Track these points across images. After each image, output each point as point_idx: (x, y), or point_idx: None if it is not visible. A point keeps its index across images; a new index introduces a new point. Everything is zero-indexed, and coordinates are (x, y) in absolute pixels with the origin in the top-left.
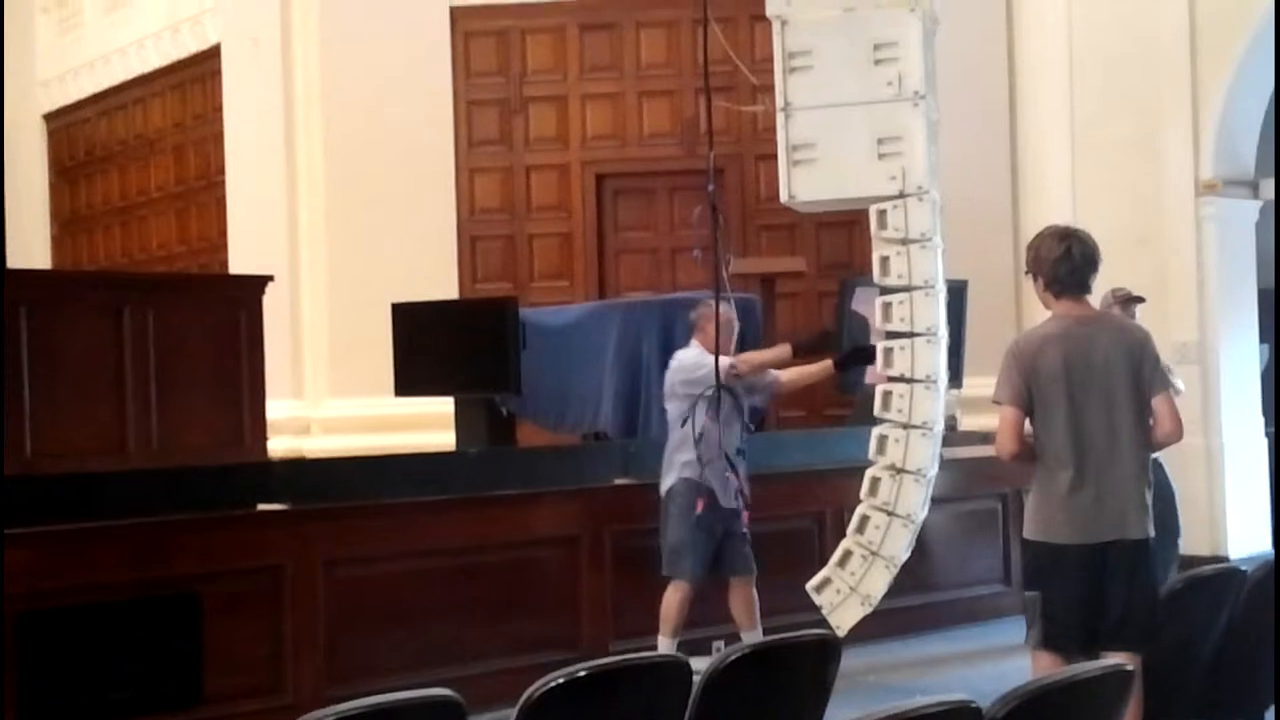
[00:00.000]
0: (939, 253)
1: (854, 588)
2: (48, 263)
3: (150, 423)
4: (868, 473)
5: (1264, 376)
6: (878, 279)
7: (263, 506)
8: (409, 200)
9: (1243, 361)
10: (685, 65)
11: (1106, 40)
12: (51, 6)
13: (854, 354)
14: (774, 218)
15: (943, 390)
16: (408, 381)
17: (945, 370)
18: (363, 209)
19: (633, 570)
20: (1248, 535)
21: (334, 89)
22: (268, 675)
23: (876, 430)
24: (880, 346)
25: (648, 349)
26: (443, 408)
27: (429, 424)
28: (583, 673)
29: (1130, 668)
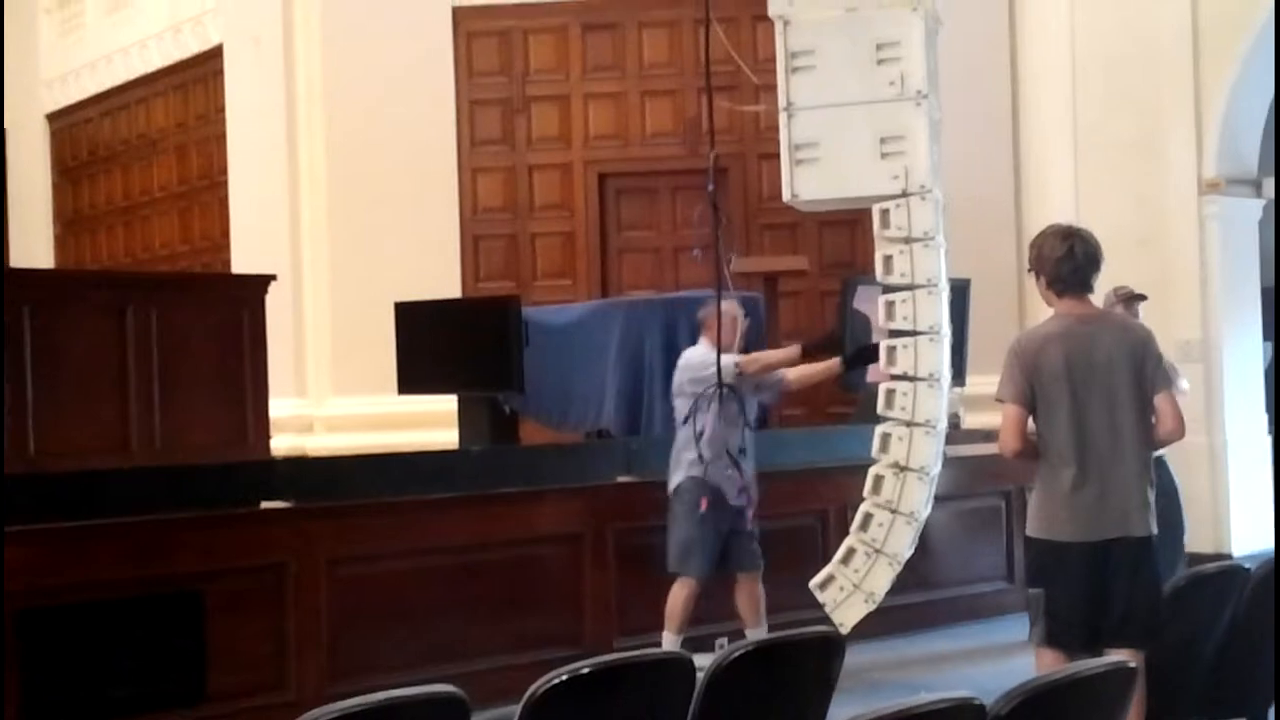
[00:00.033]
0: (942, 251)
1: (857, 585)
2: (51, 262)
3: (153, 421)
4: (871, 470)
5: (1267, 374)
6: (880, 278)
7: (266, 504)
8: (412, 199)
9: (1246, 360)
10: (687, 65)
11: (1109, 39)
12: (54, 7)
13: (861, 353)
14: (776, 217)
15: (946, 388)
16: (410, 380)
17: (948, 368)
18: (365, 208)
19: (635, 567)
20: (1251, 533)
21: (336, 89)
22: (271, 673)
23: (880, 428)
24: (883, 345)
25: (650, 347)
26: (446, 406)
27: (432, 422)
28: (586, 670)
29: (1133, 665)
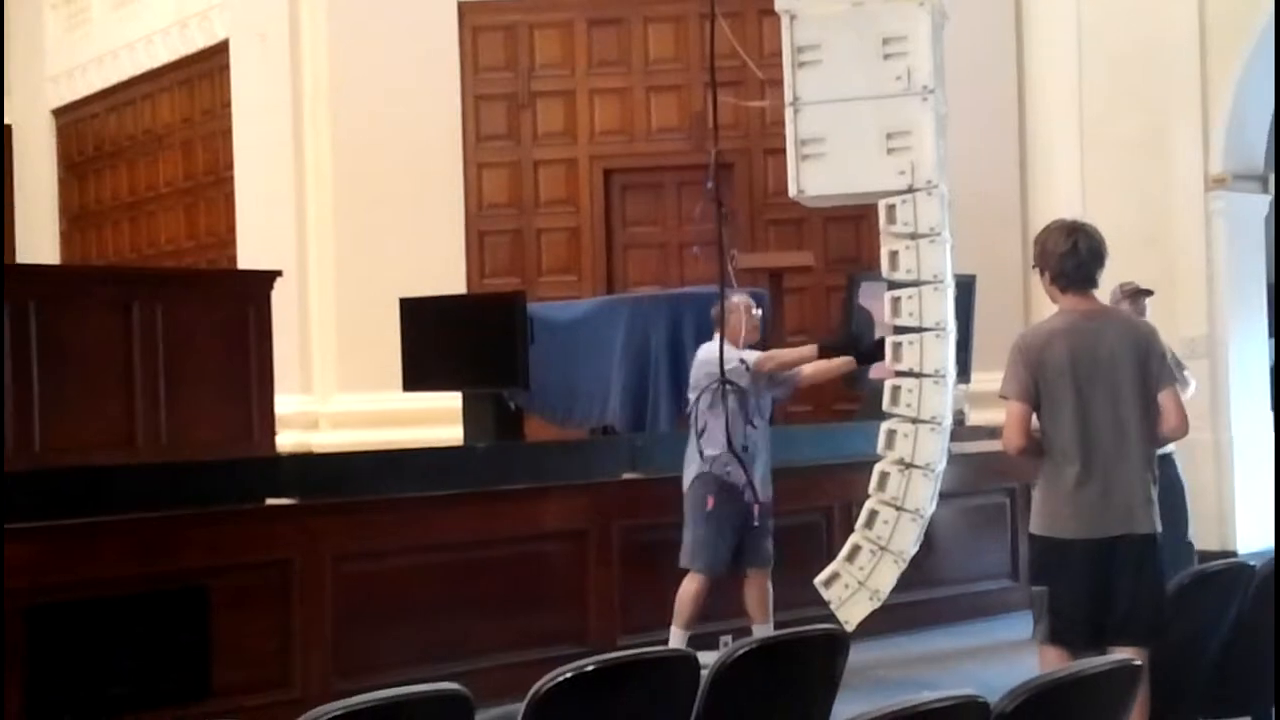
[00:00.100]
0: (947, 248)
1: (862, 582)
2: (57, 258)
3: (159, 417)
4: (876, 468)
5: (1272, 371)
6: (886, 274)
7: (271, 501)
8: (417, 195)
9: (1252, 356)
10: (693, 60)
11: (1115, 35)
12: (60, 2)
13: (875, 349)
14: (782, 212)
15: (951, 385)
16: (416, 376)
17: (953, 365)
18: (371, 204)
19: (640, 565)
20: (1256, 531)
21: (342, 84)
22: (276, 669)
23: (885, 425)
24: (889, 341)
25: (655, 343)
26: (450, 403)
27: (437, 419)
28: (590, 667)
29: (1137, 663)
